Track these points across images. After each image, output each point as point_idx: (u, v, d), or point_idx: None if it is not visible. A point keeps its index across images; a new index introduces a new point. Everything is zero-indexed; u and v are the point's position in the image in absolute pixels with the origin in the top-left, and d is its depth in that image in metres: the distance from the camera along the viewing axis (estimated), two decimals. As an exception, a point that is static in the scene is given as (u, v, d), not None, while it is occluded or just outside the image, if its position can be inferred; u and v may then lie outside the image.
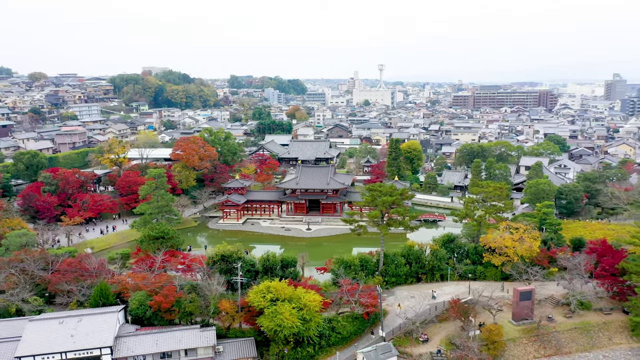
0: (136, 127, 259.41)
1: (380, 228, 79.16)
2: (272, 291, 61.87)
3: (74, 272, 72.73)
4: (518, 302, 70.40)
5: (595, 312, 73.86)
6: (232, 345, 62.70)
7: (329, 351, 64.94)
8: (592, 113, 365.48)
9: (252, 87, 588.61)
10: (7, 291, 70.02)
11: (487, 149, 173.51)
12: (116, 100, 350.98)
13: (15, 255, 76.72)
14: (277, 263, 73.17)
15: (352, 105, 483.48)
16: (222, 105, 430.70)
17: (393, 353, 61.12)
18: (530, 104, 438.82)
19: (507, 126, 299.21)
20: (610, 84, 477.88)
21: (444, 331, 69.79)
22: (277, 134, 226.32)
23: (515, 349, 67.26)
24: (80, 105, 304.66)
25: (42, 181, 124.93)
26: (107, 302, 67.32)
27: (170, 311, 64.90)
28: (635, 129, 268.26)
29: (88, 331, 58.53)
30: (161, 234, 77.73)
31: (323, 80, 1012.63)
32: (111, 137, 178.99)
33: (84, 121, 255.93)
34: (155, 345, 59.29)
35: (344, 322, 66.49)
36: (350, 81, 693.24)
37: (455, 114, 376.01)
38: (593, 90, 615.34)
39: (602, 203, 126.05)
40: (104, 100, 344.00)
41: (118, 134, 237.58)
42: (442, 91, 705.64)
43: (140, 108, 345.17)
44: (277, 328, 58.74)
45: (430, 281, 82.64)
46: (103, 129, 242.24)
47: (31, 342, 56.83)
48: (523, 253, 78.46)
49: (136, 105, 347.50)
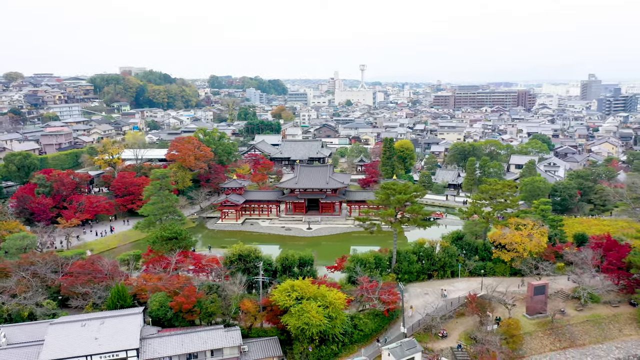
0: (121, 128, 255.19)
1: (394, 226, 79.83)
2: (297, 289, 61.90)
3: (88, 274, 71.38)
4: (532, 297, 71.87)
5: (604, 305, 75.89)
6: (257, 345, 62.48)
7: (351, 349, 65.25)
8: (570, 112, 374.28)
9: (232, 87, 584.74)
10: (19, 295, 68.36)
11: (477, 148, 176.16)
12: (97, 101, 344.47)
13: (25, 258, 74.89)
14: (295, 262, 73.18)
15: (335, 105, 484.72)
16: (204, 105, 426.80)
17: (418, 349, 61.74)
18: (509, 104, 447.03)
19: (490, 125, 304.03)
20: (586, 84, 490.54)
21: (462, 326, 70.80)
22: (266, 134, 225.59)
23: (532, 342, 68.66)
24: (60, 105, 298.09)
25: (36, 183, 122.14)
26: (124, 304, 66.19)
27: (191, 312, 64.26)
28: (614, 128, 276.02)
29: (112, 333, 57.58)
30: (174, 235, 76.87)
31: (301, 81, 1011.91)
32: (104, 139, 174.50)
33: (66, 122, 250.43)
34: (181, 346, 58.66)
35: (366, 319, 66.93)
36: (331, 81, 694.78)
37: (437, 114, 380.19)
38: (567, 91, 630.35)
39: (594, 200, 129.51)
40: (85, 100, 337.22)
41: (103, 134, 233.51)
42: (421, 91, 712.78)
43: (121, 108, 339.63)
44: (305, 326, 58.77)
45: (442, 278, 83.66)
46: (87, 129, 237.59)
47: (55, 345, 55.63)
48: (532, 249, 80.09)
49: (117, 105, 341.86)
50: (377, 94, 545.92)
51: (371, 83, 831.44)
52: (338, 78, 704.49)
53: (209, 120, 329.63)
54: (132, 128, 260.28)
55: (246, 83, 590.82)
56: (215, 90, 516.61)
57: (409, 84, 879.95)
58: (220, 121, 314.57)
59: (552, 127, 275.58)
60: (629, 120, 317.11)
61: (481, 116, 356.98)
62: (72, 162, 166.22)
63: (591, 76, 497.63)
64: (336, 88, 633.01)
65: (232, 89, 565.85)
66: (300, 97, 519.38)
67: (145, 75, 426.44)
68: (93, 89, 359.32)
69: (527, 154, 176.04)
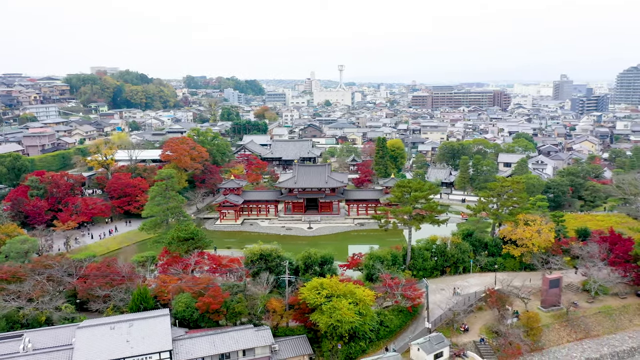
0: (102, 129, 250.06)
1: (411, 223, 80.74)
2: (327, 287, 62.07)
3: (105, 276, 70.02)
4: (547, 290, 73.79)
5: (612, 296, 78.41)
6: (286, 344, 62.38)
7: (377, 345, 65.77)
8: (545, 112, 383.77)
9: (209, 87, 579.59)
10: (36, 299, 66.53)
11: (466, 147, 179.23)
12: (73, 101, 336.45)
13: (37, 261, 72.96)
14: (317, 260, 73.32)
15: (314, 105, 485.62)
16: (182, 106, 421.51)
17: (445, 343, 62.80)
18: (485, 104, 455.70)
19: (471, 125, 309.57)
20: (558, 84, 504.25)
21: (481, 320, 72.12)
22: (254, 134, 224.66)
23: (549, 334, 70.45)
24: (37, 106, 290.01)
25: (29, 185, 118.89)
26: (147, 306, 65.29)
27: (218, 312, 63.76)
28: (590, 127, 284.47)
29: (143, 335, 56.63)
30: (190, 235, 76.06)
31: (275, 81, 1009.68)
32: (97, 139, 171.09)
33: (45, 123, 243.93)
34: (213, 346, 58.15)
35: (391, 315, 67.58)
36: (307, 82, 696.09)
37: (417, 114, 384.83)
38: (538, 91, 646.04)
39: (585, 196, 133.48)
40: (61, 101, 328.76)
41: (85, 135, 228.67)
42: (397, 91, 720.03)
43: (99, 109, 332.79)
44: (337, 324, 58.97)
45: (454, 274, 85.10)
46: (68, 130, 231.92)
47: (86, 349, 54.39)
48: (541, 244, 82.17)
49: (95, 106, 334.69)
50: (355, 94, 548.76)
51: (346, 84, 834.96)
52: (314, 78, 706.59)
53: (189, 121, 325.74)
54: (114, 129, 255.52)
55: (223, 83, 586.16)
56: (193, 91, 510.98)
57: (384, 84, 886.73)
58: (202, 122, 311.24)
59: (532, 127, 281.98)
60: (602, 120, 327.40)
61: (460, 116, 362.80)
62: (59, 163, 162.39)
63: (563, 77, 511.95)
64: (313, 88, 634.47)
65: (209, 89, 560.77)
66: (279, 97, 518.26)
67: (121, 75, 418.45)
68: (69, 89, 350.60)
69: (514, 152, 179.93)
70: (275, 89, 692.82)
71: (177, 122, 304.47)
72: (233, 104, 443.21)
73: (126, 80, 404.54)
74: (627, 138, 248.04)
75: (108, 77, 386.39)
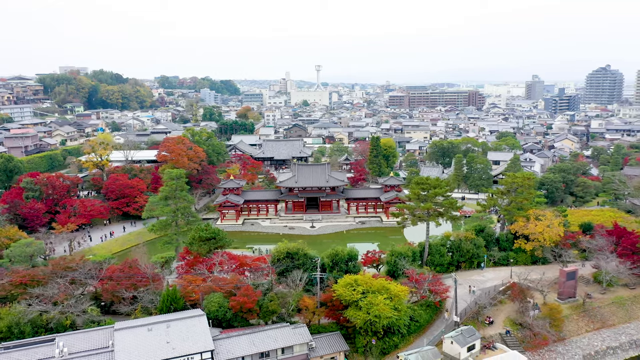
0: (83, 129, 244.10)
1: (430, 219, 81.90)
2: (361, 283, 62.53)
3: (130, 277, 68.73)
4: (565, 282, 76.06)
5: (622, 287, 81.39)
6: (322, 341, 62.52)
7: (408, 340, 66.63)
8: (520, 111, 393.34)
9: (184, 87, 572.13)
10: (60, 303, 64.75)
11: (456, 145, 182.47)
12: (48, 102, 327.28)
13: (55, 264, 71.01)
14: (344, 257, 73.65)
15: (291, 105, 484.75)
16: (159, 106, 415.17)
17: (477, 336, 64.08)
18: (461, 104, 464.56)
19: (451, 124, 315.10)
20: (530, 84, 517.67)
21: (502, 313, 73.78)
22: (241, 135, 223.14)
23: (569, 325, 72.64)
24: (11, 107, 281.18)
25: (24, 187, 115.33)
26: (177, 306, 64.41)
27: (251, 311, 63.45)
28: (565, 125, 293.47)
29: (183, 336, 55.89)
30: (212, 235, 75.33)
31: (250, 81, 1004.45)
32: (91, 139, 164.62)
33: (23, 124, 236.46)
34: (253, 345, 57.87)
35: (420, 310, 68.53)
36: (282, 82, 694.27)
37: (396, 113, 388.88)
38: (508, 91, 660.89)
39: (576, 192, 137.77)
40: (35, 101, 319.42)
41: (66, 136, 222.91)
42: (371, 91, 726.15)
43: (75, 109, 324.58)
44: (375, 319, 59.47)
45: (469, 269, 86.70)
46: (48, 131, 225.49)
47: (127, 352, 53.36)
48: (552, 238, 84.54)
49: (71, 106, 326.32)
50: (332, 94, 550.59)
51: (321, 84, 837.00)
52: (290, 79, 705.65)
53: (169, 121, 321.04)
54: (95, 130, 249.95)
55: (198, 83, 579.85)
56: (169, 91, 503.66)
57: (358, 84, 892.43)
58: (183, 122, 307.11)
59: (511, 126, 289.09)
60: (575, 119, 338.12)
61: (438, 115, 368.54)
62: (47, 165, 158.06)
63: (535, 77, 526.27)
64: (289, 89, 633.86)
65: (184, 89, 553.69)
66: (256, 97, 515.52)
67: (95, 75, 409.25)
68: (43, 89, 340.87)
69: (501, 150, 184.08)
70: (250, 89, 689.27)
71: (157, 122, 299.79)
72: (210, 104, 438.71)
73: (101, 80, 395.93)
74: (603, 136, 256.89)
75: (83, 77, 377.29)
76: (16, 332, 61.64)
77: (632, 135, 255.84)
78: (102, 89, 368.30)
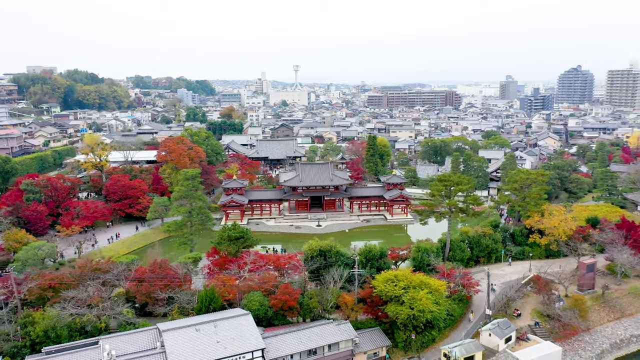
0: (65, 130, 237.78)
1: (454, 215, 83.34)
2: (401, 279, 63.22)
3: (162, 278, 67.70)
4: (585, 274, 78.57)
5: (635, 278, 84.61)
6: (365, 336, 62.96)
7: (444, 334, 67.74)
8: (497, 111, 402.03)
9: (160, 87, 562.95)
10: (94, 305, 63.33)
11: (448, 144, 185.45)
12: (23, 102, 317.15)
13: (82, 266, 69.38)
14: (377, 254, 74.27)
15: (270, 105, 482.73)
16: (136, 106, 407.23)
17: (513, 328, 65.68)
18: (438, 104, 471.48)
19: (433, 124, 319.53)
20: (505, 84, 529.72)
21: (528, 305, 75.76)
22: (231, 134, 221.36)
23: (591, 315, 75.08)
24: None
25: (24, 189, 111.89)
26: (216, 306, 63.78)
27: (292, 309, 63.41)
28: (544, 124, 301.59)
29: (232, 336, 55.52)
30: (241, 234, 74.86)
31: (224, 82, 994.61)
32: (89, 140, 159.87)
33: (2, 124, 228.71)
34: (301, 343, 57.92)
35: (454, 304, 69.69)
36: (258, 82, 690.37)
37: (376, 113, 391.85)
38: (481, 91, 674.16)
39: (570, 188, 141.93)
40: (9, 101, 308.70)
41: (50, 137, 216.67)
42: (347, 92, 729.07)
43: (51, 110, 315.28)
44: (419, 314, 60.23)
45: (487, 263, 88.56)
46: (29, 132, 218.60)
47: (179, 352, 52.67)
48: (566, 232, 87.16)
49: (47, 106, 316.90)
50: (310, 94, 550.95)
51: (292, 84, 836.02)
52: (266, 79, 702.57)
53: (149, 122, 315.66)
54: (77, 130, 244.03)
55: (174, 83, 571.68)
56: (146, 91, 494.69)
57: (333, 84, 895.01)
58: (165, 122, 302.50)
59: (493, 125, 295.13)
60: (551, 118, 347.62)
61: (419, 115, 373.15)
62: (38, 166, 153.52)
63: (508, 77, 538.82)
64: (265, 89, 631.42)
65: (160, 89, 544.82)
66: (234, 97, 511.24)
67: (69, 75, 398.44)
68: (17, 89, 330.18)
69: (492, 149, 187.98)
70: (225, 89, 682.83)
71: (138, 123, 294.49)
72: (189, 104, 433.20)
73: (76, 80, 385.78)
74: (581, 134, 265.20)
75: (58, 76, 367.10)
76: (52, 336, 60.15)
77: (608, 133, 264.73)
78: (79, 89, 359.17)
